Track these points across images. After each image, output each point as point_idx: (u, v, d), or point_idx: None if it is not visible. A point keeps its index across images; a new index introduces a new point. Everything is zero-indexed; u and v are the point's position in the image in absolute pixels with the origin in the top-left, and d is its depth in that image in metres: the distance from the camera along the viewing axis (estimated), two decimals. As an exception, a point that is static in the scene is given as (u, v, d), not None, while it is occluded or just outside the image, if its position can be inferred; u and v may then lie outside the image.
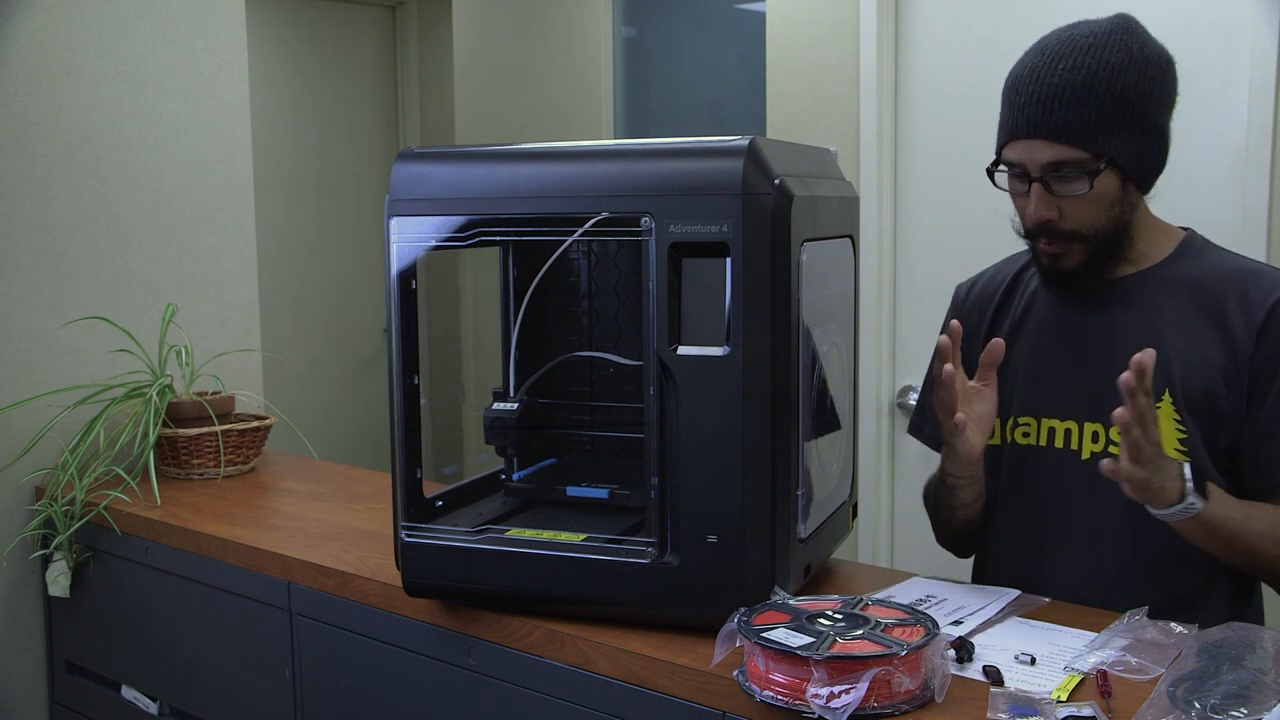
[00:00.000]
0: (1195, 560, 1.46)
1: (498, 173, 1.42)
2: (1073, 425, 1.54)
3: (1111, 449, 1.50)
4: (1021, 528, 1.60)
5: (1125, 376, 1.28)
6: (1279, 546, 1.42)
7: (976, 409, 1.51)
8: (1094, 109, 1.42)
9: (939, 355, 1.47)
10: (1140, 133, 1.45)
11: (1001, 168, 1.51)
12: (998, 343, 1.50)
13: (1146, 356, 1.28)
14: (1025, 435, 1.58)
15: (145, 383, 2.24)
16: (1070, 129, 1.42)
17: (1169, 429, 1.46)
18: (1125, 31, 1.46)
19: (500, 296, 1.69)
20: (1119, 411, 1.29)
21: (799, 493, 1.37)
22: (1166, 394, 1.46)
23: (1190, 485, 1.34)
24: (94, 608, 2.18)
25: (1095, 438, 1.52)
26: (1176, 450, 1.46)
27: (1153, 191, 1.54)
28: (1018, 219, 1.55)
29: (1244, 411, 1.45)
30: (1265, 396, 1.44)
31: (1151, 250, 1.53)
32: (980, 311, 1.68)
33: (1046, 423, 1.56)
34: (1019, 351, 1.59)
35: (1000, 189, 1.53)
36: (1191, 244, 1.55)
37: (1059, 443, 1.55)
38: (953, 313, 1.71)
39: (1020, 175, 1.49)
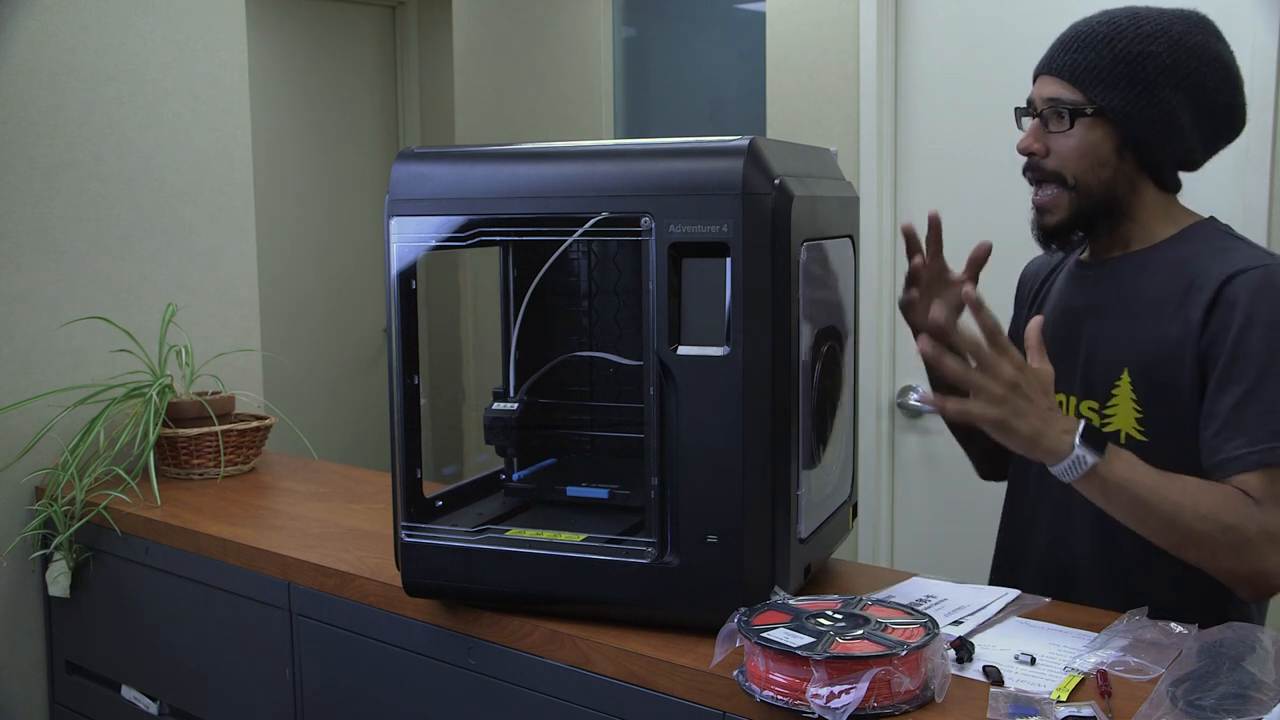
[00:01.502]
0: (1155, 553, 1.42)
1: (498, 173, 1.42)
2: None
3: (1091, 417, 1.53)
4: (1013, 505, 1.68)
5: (934, 312, 1.31)
6: (1201, 520, 1.34)
7: (942, 293, 1.62)
8: (1103, 59, 1.48)
9: (907, 242, 1.63)
10: (1145, 101, 1.48)
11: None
12: (982, 244, 1.57)
13: (972, 291, 1.31)
14: None
15: (145, 383, 2.24)
16: (1073, 69, 1.50)
17: (1126, 407, 1.48)
18: (1184, 19, 1.50)
19: (500, 296, 1.69)
20: (920, 342, 1.30)
21: (799, 493, 1.37)
22: (1125, 372, 1.49)
23: (1078, 439, 1.30)
24: (94, 608, 2.18)
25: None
26: (1135, 429, 1.47)
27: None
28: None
29: (1200, 392, 1.44)
30: (1210, 379, 1.42)
31: (1150, 235, 1.55)
32: (1030, 286, 1.77)
33: None
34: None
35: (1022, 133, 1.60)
36: (1198, 229, 1.54)
37: None
38: (1017, 289, 1.80)
39: (1029, 112, 1.57)
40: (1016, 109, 1.60)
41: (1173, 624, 1.31)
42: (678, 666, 1.30)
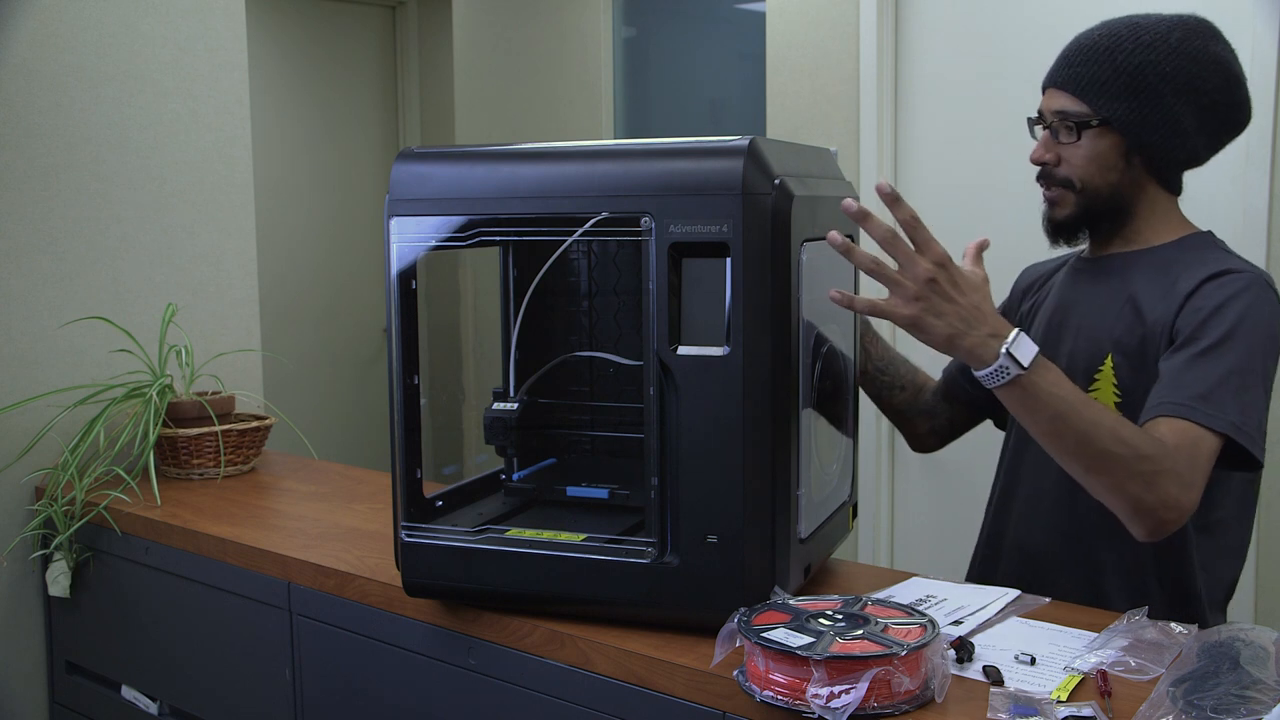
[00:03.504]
0: (1121, 534, 1.45)
1: (498, 173, 1.42)
2: None
3: None
4: (991, 498, 1.75)
5: (847, 203, 1.30)
6: (1118, 443, 1.34)
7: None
8: (1105, 71, 1.54)
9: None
10: (1147, 108, 1.53)
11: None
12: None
13: (883, 183, 1.30)
14: None
15: (145, 383, 2.24)
16: (1077, 82, 1.56)
17: (1107, 390, 1.55)
18: (1182, 25, 1.54)
19: (500, 296, 1.69)
20: (830, 235, 1.29)
21: (798, 493, 1.37)
22: (1109, 358, 1.55)
23: (1005, 346, 1.29)
24: (94, 608, 2.18)
25: None
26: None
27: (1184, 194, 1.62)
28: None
29: None
30: (1169, 352, 1.48)
31: (1151, 236, 1.60)
32: (1024, 291, 1.81)
33: None
34: (1037, 324, 1.70)
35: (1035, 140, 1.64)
36: (1195, 239, 1.60)
37: None
38: (1012, 287, 1.85)
39: (1041, 122, 1.62)
40: (1029, 119, 1.64)
41: (1173, 624, 1.31)
42: (678, 666, 1.30)
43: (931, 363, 1.78)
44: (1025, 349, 1.31)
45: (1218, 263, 1.52)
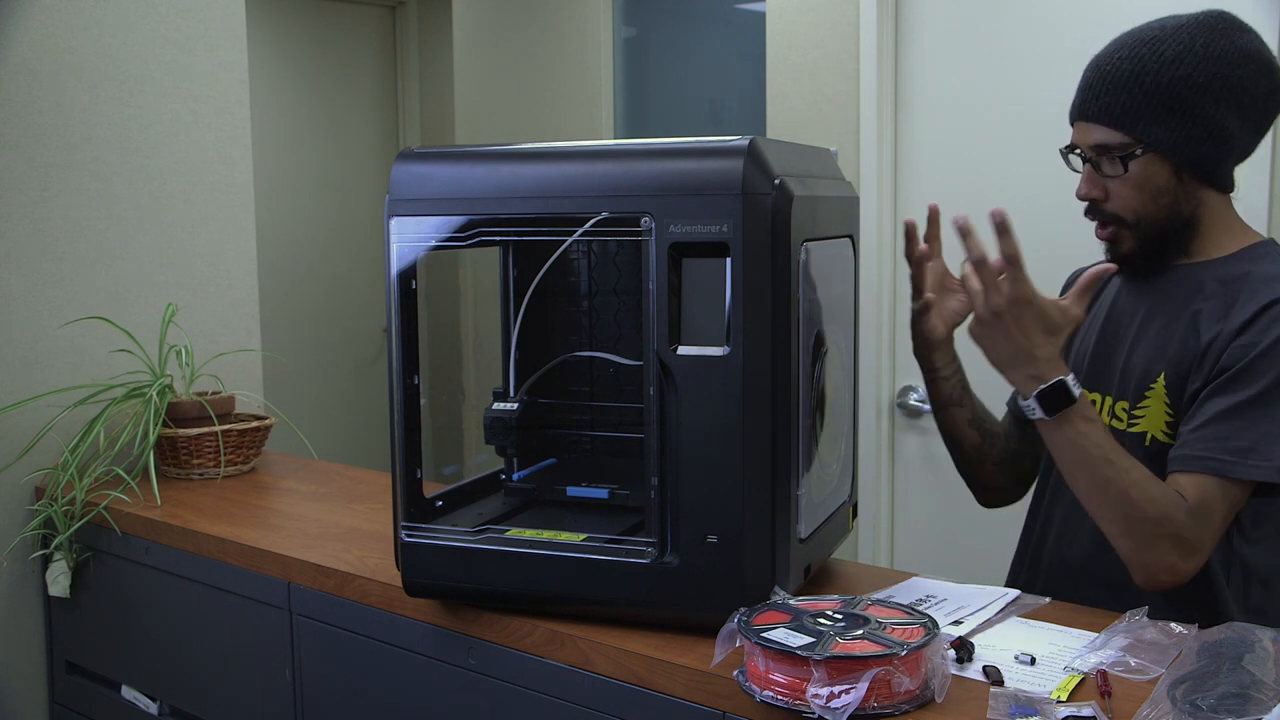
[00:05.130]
0: None
1: (498, 173, 1.42)
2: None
3: (1117, 419, 1.55)
4: (1030, 516, 1.70)
5: (958, 217, 1.37)
6: (1129, 502, 1.37)
7: (948, 303, 1.63)
8: (1136, 97, 1.47)
9: (908, 236, 1.64)
10: (1189, 124, 1.47)
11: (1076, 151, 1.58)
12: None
13: (997, 210, 1.36)
14: None
15: (145, 383, 2.24)
16: (1110, 113, 1.49)
17: (1158, 409, 1.50)
18: (1202, 27, 1.48)
19: (500, 296, 1.69)
20: (957, 218, 1.36)
21: (798, 493, 1.37)
22: (1161, 376, 1.50)
23: (1036, 393, 1.37)
24: (94, 608, 2.18)
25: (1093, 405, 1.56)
26: (1163, 432, 1.49)
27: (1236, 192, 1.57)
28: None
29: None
30: (1215, 381, 1.43)
31: (1213, 247, 1.54)
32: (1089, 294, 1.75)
33: None
34: (1087, 330, 1.66)
35: (1075, 170, 1.59)
36: (1257, 250, 1.53)
37: None
38: (1061, 290, 1.77)
39: (1075, 152, 1.56)
40: (1061, 150, 1.58)
41: (1173, 624, 1.31)
42: (678, 666, 1.30)
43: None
44: (1057, 401, 1.37)
45: (1271, 283, 1.45)
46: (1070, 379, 1.38)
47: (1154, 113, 1.47)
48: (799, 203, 1.32)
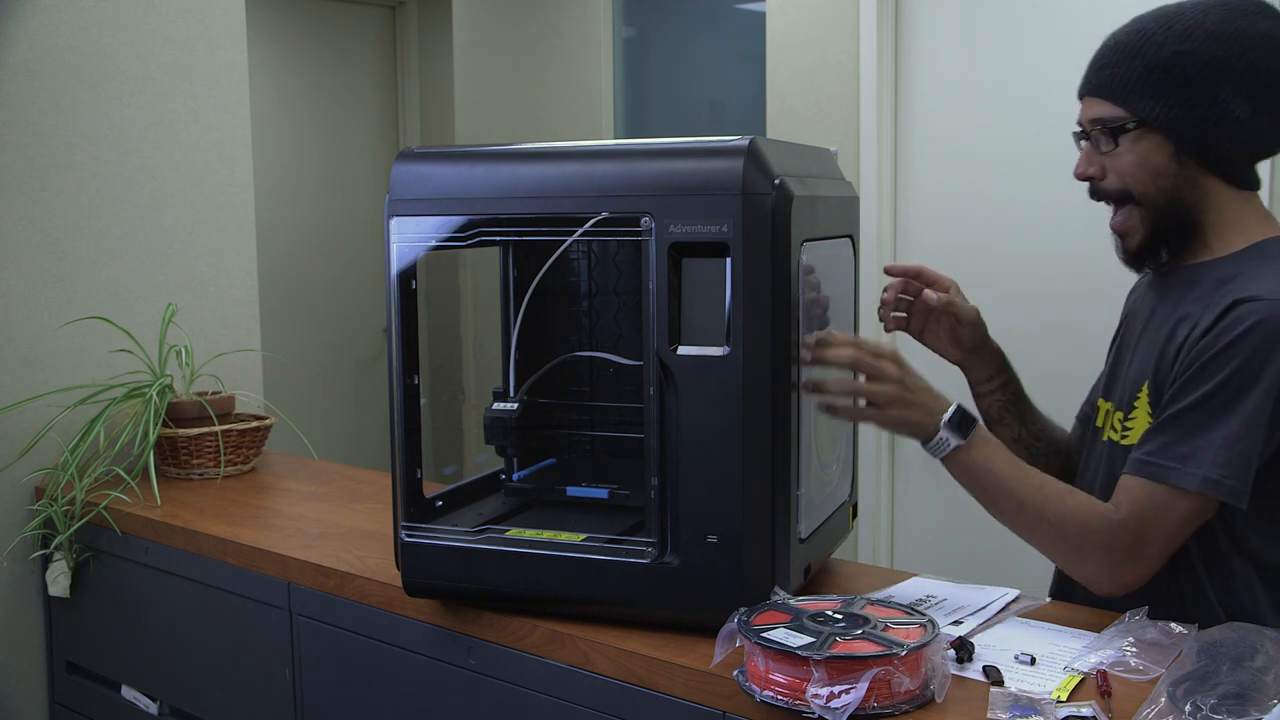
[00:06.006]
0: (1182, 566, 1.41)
1: (498, 173, 1.42)
2: (1099, 402, 1.58)
3: (1114, 429, 1.51)
4: None
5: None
6: (1043, 521, 1.38)
7: (943, 318, 1.63)
8: (1136, 69, 1.42)
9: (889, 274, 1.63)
10: (1189, 103, 1.40)
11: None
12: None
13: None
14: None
15: (145, 383, 2.24)
16: (1108, 85, 1.45)
17: (1143, 419, 1.44)
18: (1221, 6, 1.41)
19: (500, 296, 1.69)
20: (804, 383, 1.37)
21: (798, 493, 1.37)
22: (1145, 385, 1.44)
23: (943, 421, 1.38)
24: (94, 608, 2.18)
25: (1100, 415, 1.55)
26: None
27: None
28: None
29: None
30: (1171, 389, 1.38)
31: (1219, 246, 1.46)
32: (1127, 302, 1.68)
33: (1098, 402, 1.60)
34: (1115, 339, 1.63)
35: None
36: (1260, 247, 1.44)
37: (1099, 422, 1.57)
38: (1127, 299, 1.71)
39: (1082, 134, 1.51)
40: (1073, 133, 1.52)
41: (1173, 624, 1.31)
42: (678, 666, 1.30)
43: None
44: (965, 425, 1.39)
45: (1256, 283, 1.35)
46: (963, 405, 1.40)
47: (1151, 87, 1.41)
48: (799, 203, 1.32)
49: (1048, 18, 2.80)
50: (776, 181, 1.30)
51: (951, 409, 1.40)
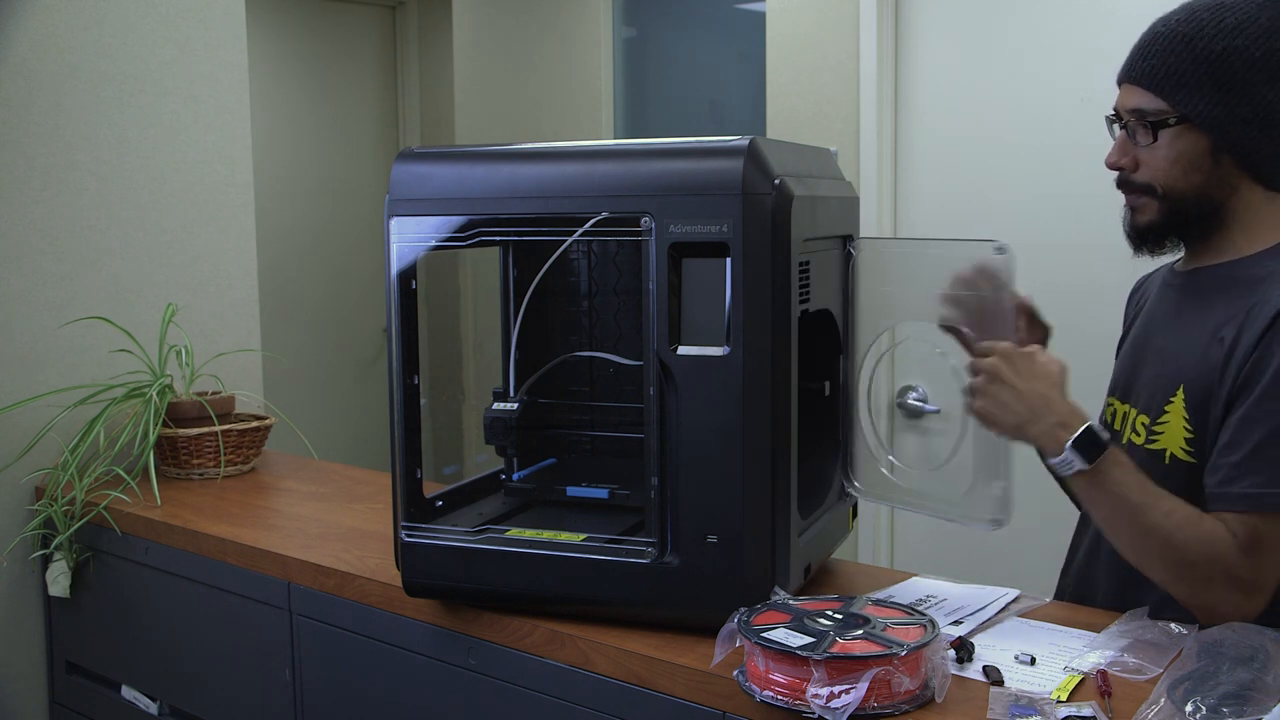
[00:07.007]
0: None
1: (498, 173, 1.42)
2: (1112, 402, 1.56)
3: (1136, 432, 1.48)
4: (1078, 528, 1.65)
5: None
6: (1172, 550, 1.30)
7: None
8: (1184, 61, 1.37)
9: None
10: (1235, 101, 1.36)
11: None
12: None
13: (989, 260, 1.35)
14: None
15: (145, 383, 2.24)
16: (1152, 76, 1.40)
17: (1177, 425, 1.41)
18: (1273, 3, 1.37)
19: (500, 296, 1.69)
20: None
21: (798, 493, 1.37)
22: (1180, 390, 1.40)
23: (1071, 442, 1.30)
24: (94, 608, 2.18)
25: (1114, 415, 1.53)
26: (1183, 449, 1.40)
27: None
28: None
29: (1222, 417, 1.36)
30: (1240, 403, 1.33)
31: (1245, 244, 1.43)
32: (1132, 300, 1.67)
33: (1109, 401, 1.58)
34: (1128, 341, 1.60)
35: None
36: None
37: (1116, 425, 1.55)
38: (1126, 304, 1.70)
39: (1117, 121, 1.47)
40: (1106, 117, 1.48)
41: (1172, 624, 1.31)
42: (678, 666, 1.30)
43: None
44: (1094, 444, 1.31)
45: None
46: (1096, 423, 1.32)
47: (1198, 81, 1.37)
48: (799, 203, 1.32)
49: (1048, 18, 2.80)
50: (776, 181, 1.30)
51: (1080, 430, 1.31)
